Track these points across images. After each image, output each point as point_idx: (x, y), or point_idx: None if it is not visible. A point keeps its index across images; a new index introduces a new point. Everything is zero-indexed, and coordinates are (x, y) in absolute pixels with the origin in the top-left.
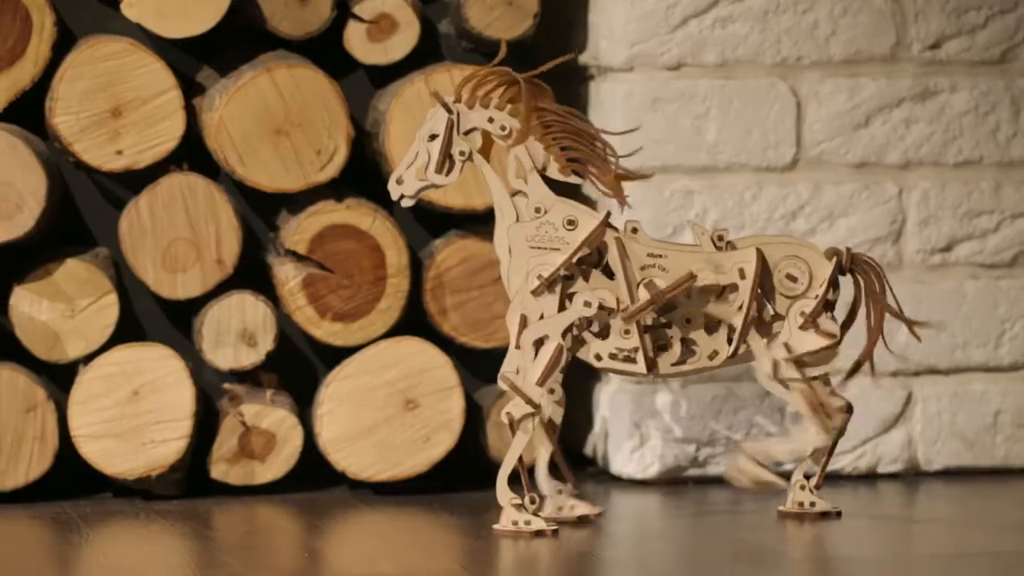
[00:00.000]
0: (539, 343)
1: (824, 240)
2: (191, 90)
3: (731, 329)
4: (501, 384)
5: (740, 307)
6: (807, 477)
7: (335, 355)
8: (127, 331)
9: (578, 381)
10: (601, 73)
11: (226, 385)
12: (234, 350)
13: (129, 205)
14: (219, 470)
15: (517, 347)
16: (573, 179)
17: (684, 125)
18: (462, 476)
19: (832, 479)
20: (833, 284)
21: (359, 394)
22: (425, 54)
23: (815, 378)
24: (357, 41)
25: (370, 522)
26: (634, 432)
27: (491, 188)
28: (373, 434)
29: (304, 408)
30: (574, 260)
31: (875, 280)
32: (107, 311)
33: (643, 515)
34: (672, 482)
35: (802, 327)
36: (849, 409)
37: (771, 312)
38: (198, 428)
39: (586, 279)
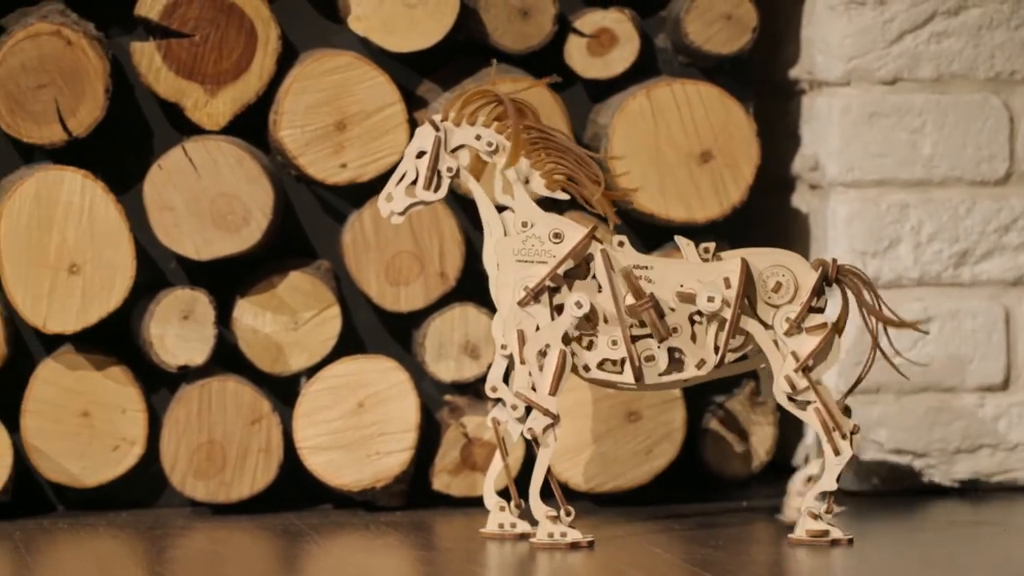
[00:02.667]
0: (542, 354)
1: None
2: (413, 103)
3: (717, 338)
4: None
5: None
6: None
7: None
8: (347, 343)
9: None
10: (815, 87)
11: (448, 397)
12: (456, 362)
13: (352, 218)
14: (441, 481)
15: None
16: (560, 195)
17: (900, 139)
18: (681, 487)
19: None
20: (818, 292)
21: (582, 406)
22: (642, 68)
23: (820, 383)
24: (577, 55)
25: (594, 532)
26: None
27: (478, 204)
28: (596, 446)
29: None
30: (560, 271)
31: (863, 289)
32: (329, 323)
33: (854, 528)
34: (886, 494)
35: (787, 333)
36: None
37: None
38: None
39: (572, 291)
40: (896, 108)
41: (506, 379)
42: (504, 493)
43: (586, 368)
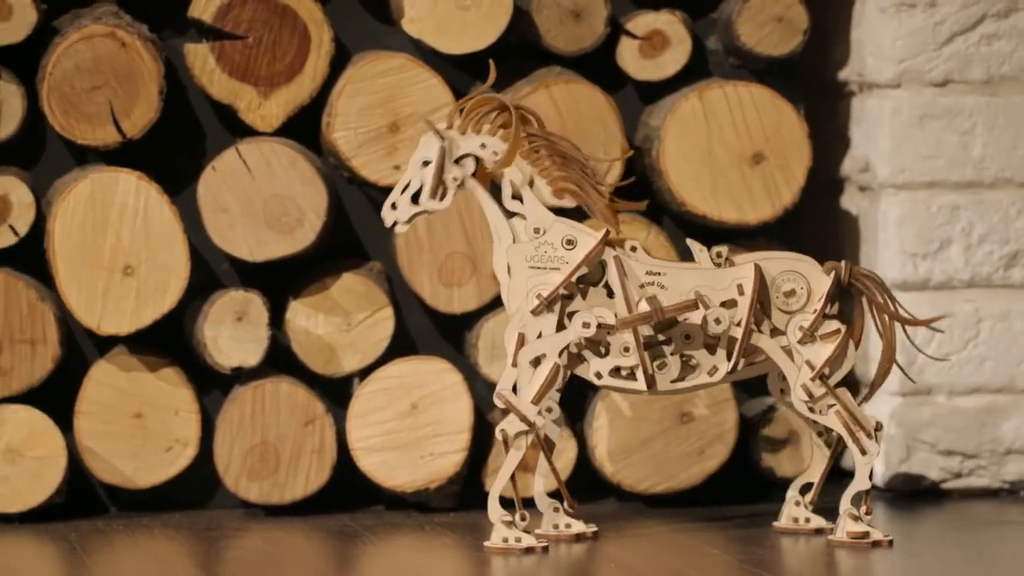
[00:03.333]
0: (536, 362)
1: None
2: None
3: (730, 344)
4: (496, 401)
5: (739, 323)
6: (802, 493)
7: None
8: (400, 345)
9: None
10: (865, 89)
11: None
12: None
13: None
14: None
15: (514, 365)
16: (566, 202)
17: (951, 141)
18: (731, 488)
19: None
20: (832, 298)
21: (635, 407)
22: (692, 70)
23: (839, 386)
24: (629, 57)
25: (650, 533)
26: (900, 445)
27: (486, 211)
28: (648, 447)
29: (575, 421)
30: (573, 279)
31: (877, 291)
32: (382, 325)
33: (903, 528)
34: (936, 494)
35: (801, 341)
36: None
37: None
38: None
39: (585, 298)
40: (947, 110)
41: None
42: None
43: (598, 375)
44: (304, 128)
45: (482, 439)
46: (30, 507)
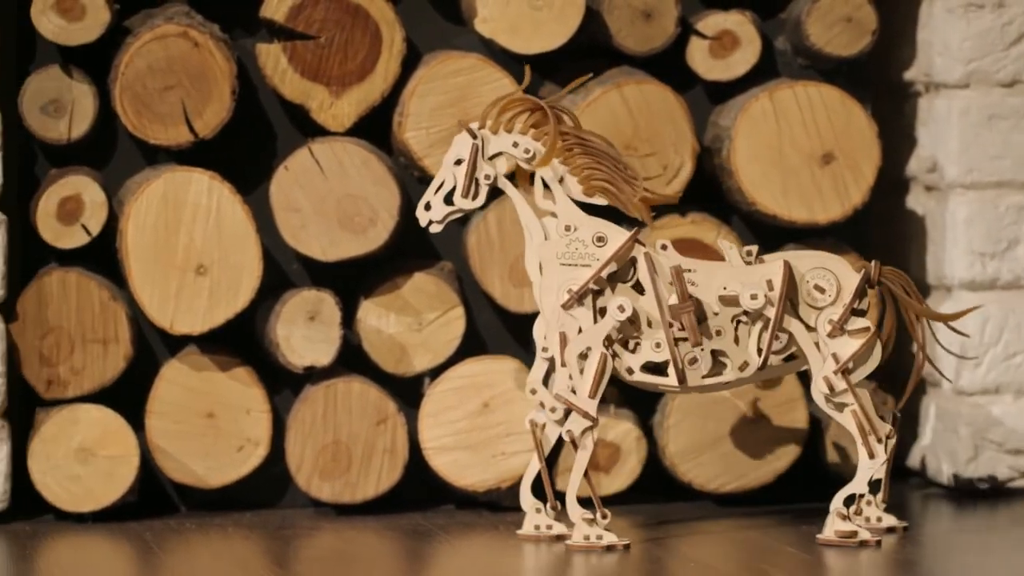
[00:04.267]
0: (583, 357)
1: None
2: None
3: (760, 340)
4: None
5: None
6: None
7: None
8: (471, 344)
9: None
10: (932, 89)
11: None
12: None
13: (477, 219)
14: (565, 481)
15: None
16: (597, 199)
17: (1019, 141)
18: (803, 487)
19: None
20: (860, 294)
21: (706, 406)
22: (760, 70)
23: (859, 385)
24: (699, 57)
25: (723, 531)
26: (968, 443)
27: (518, 210)
28: (719, 446)
29: (645, 420)
30: (603, 274)
31: (904, 290)
32: (453, 324)
33: (971, 525)
34: (1004, 493)
35: (831, 334)
36: (891, 435)
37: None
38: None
39: (615, 294)
40: (1015, 110)
41: (545, 382)
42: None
43: (630, 371)
44: (375, 128)
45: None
46: (102, 506)
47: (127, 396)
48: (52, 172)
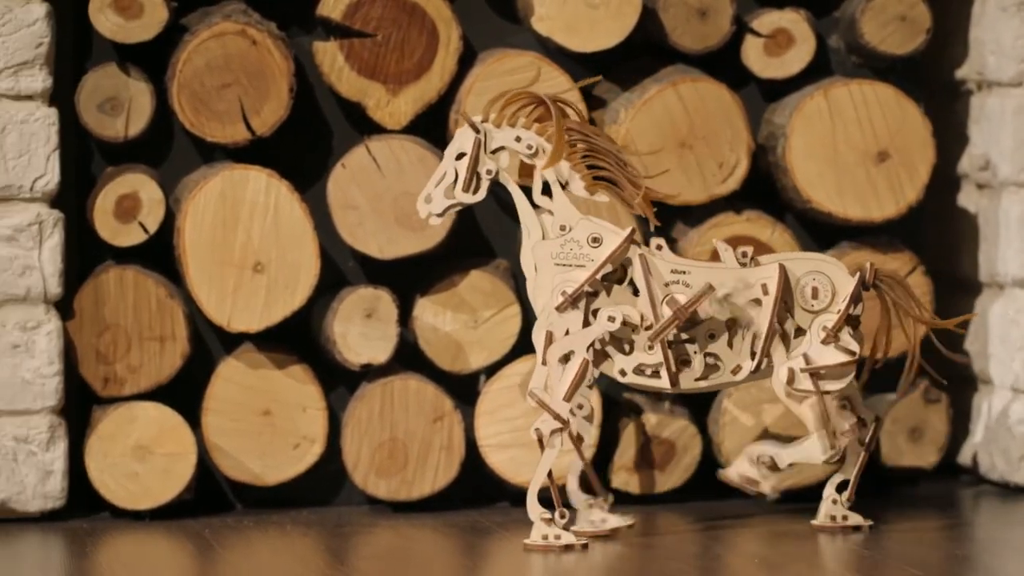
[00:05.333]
0: (565, 359)
1: None
2: (591, 104)
3: (754, 343)
4: (529, 400)
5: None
6: (839, 491)
7: None
8: (526, 342)
9: (952, 391)
10: (985, 87)
11: (626, 395)
12: None
13: None
14: (620, 479)
15: (544, 363)
16: (600, 197)
17: None
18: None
19: None
20: (856, 299)
21: (761, 403)
22: (814, 68)
23: (827, 392)
24: (754, 55)
25: (782, 529)
26: (1021, 442)
27: (517, 206)
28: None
29: (700, 418)
30: (598, 276)
31: (901, 293)
32: (509, 322)
33: (1017, 522)
34: None
35: (824, 341)
36: (855, 429)
37: (794, 327)
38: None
39: (609, 295)
40: None
41: None
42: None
43: (623, 372)
44: (431, 125)
45: (608, 436)
46: (160, 504)
47: (183, 394)
48: (109, 170)
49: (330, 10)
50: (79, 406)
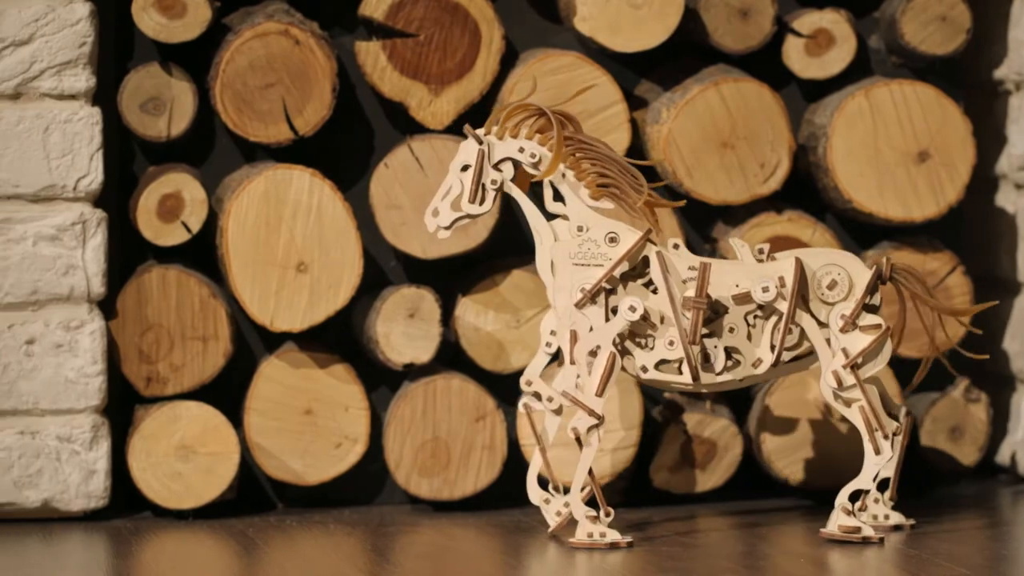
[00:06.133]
0: (592, 355)
1: None
2: (631, 104)
3: (773, 336)
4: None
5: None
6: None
7: None
8: None
9: (991, 391)
10: (1023, 87)
11: (667, 395)
12: None
13: None
14: (661, 478)
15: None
16: (603, 203)
17: None
18: (899, 482)
19: None
20: (872, 289)
21: (801, 403)
22: (854, 69)
23: (869, 381)
24: (795, 55)
25: (821, 527)
26: None
27: (526, 214)
28: (815, 443)
29: (740, 418)
30: (616, 273)
31: (917, 284)
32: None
33: None
34: None
35: (842, 329)
36: (899, 431)
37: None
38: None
39: (627, 292)
40: None
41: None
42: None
43: (644, 369)
44: (473, 125)
45: (649, 435)
46: (203, 503)
47: (225, 393)
48: (151, 169)
49: (372, 10)
50: (121, 405)
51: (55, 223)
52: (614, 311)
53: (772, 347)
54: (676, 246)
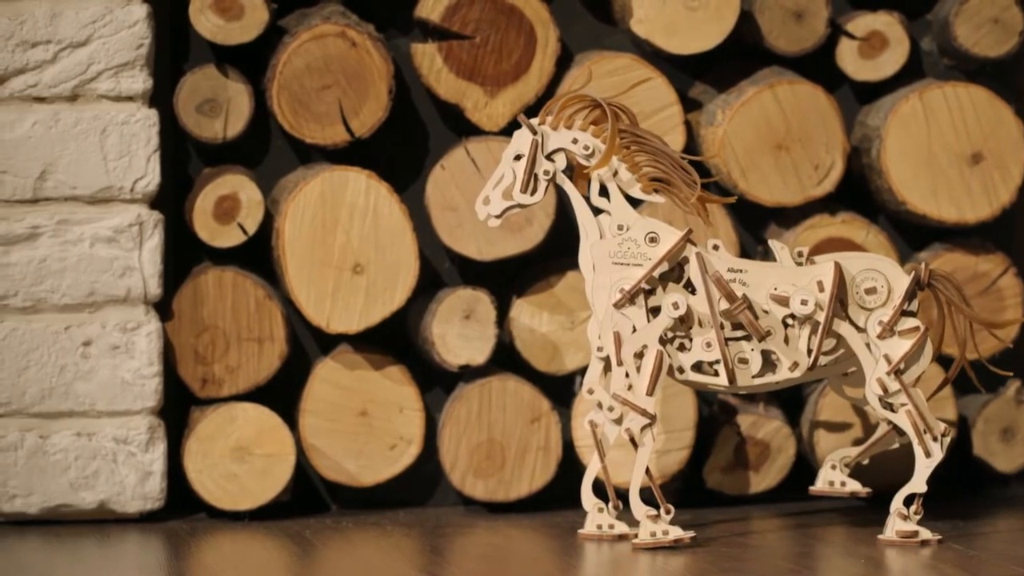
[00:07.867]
0: (639, 355)
1: None
2: (686, 105)
3: (810, 340)
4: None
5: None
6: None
7: None
8: None
9: None
10: None
11: (721, 396)
12: None
13: None
14: (714, 479)
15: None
16: (655, 198)
17: None
18: (950, 483)
19: None
20: (910, 296)
21: (851, 406)
22: (906, 71)
23: (915, 385)
24: (849, 57)
25: (877, 529)
26: None
27: (575, 207)
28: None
29: (793, 420)
30: (655, 274)
31: (954, 292)
32: None
33: None
34: None
35: (880, 336)
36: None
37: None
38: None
39: (666, 293)
40: None
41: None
42: (603, 494)
43: (680, 370)
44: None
45: (702, 437)
46: (259, 504)
47: (280, 395)
48: (206, 171)
49: (428, 12)
50: (177, 407)
51: (112, 225)
52: (653, 312)
53: (809, 351)
54: (716, 247)
